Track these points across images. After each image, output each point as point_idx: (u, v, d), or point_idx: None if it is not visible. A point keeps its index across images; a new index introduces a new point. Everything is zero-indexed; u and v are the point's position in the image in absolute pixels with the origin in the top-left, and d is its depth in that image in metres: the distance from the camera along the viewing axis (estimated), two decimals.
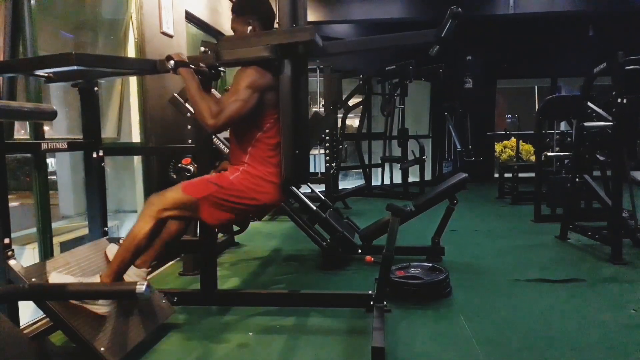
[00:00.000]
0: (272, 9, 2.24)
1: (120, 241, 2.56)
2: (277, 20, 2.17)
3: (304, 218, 3.68)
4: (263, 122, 2.12)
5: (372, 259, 3.51)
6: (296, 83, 2.11)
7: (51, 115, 2.02)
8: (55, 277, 2.02)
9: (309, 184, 4.32)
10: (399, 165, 7.32)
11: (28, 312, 2.38)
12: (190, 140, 3.10)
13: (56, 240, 2.92)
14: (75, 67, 1.89)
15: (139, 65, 2.52)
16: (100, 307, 2.03)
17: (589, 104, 4.09)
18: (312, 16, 6.92)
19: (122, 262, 2.08)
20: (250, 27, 2.14)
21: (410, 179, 7.35)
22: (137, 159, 3.65)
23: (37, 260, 2.51)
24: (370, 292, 2.51)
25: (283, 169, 2.13)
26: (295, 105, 2.11)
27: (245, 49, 2.06)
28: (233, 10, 2.22)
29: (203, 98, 2.04)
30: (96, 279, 2.10)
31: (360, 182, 7.61)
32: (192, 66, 2.12)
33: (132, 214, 3.84)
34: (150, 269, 2.36)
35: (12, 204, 2.36)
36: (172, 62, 2.10)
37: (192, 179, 2.26)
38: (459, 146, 8.01)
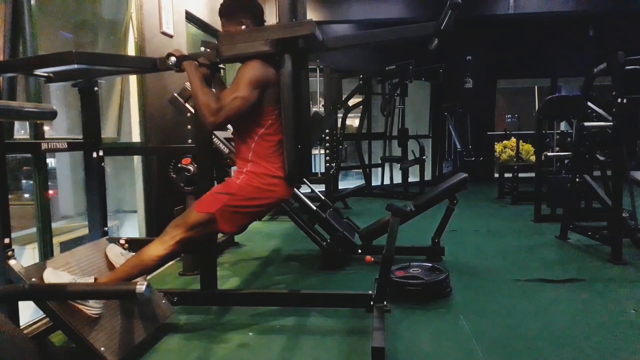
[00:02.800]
0: (259, 4, 2.24)
1: (122, 242, 2.57)
2: (277, 16, 2.17)
3: (304, 218, 3.68)
4: (264, 119, 2.11)
5: (372, 259, 3.52)
6: (297, 78, 2.11)
7: (51, 115, 2.02)
8: (49, 274, 2.02)
9: (309, 184, 4.33)
10: (399, 165, 7.32)
11: (28, 312, 2.37)
12: (190, 140, 3.10)
13: (56, 240, 2.92)
14: (76, 66, 1.89)
15: (139, 64, 2.52)
16: (91, 309, 2.02)
17: (589, 104, 4.10)
18: (312, 16, 6.92)
19: (125, 277, 2.07)
20: (243, 26, 2.14)
21: (410, 179, 7.35)
22: (137, 159, 3.65)
23: (37, 260, 2.51)
24: (370, 292, 2.51)
25: (286, 164, 2.12)
26: (297, 100, 2.11)
27: (245, 44, 2.05)
28: (221, 14, 2.19)
29: (204, 93, 2.03)
30: (90, 279, 2.10)
31: (360, 182, 7.61)
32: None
33: (132, 214, 3.84)
34: None
35: None
36: (172, 58, 2.10)
37: (200, 197, 2.23)
38: (459, 146, 8.01)
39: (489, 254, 3.90)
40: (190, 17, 4.41)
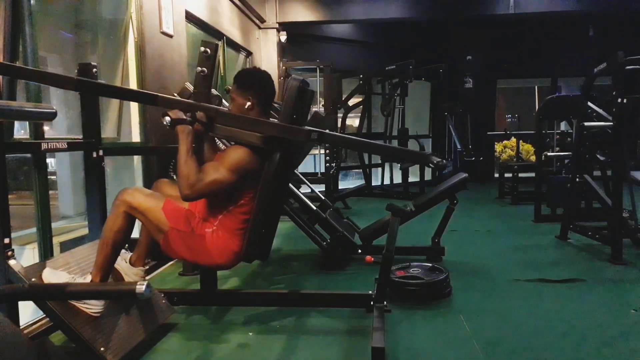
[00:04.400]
0: (273, 91, 2.26)
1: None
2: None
3: (304, 218, 3.68)
4: (238, 199, 2.13)
5: (372, 259, 3.52)
6: (281, 172, 2.14)
7: (51, 116, 2.02)
8: (49, 274, 2.02)
9: (309, 184, 4.33)
10: (399, 165, 7.32)
11: (28, 312, 2.37)
12: None
13: (56, 240, 2.92)
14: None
15: (139, 98, 2.56)
16: (92, 307, 2.02)
17: (589, 103, 4.09)
18: (312, 16, 6.93)
19: (105, 258, 2.09)
20: (249, 103, 2.15)
21: (410, 179, 7.35)
22: (137, 159, 3.65)
23: (37, 260, 2.50)
24: (370, 292, 2.51)
25: (246, 244, 2.15)
26: (276, 192, 2.15)
27: (240, 130, 2.08)
28: (235, 80, 2.22)
29: (187, 165, 2.03)
30: (89, 278, 2.10)
31: (360, 182, 7.61)
32: (189, 117, 2.10)
33: None
34: (147, 267, 2.36)
35: None
36: (167, 118, 2.08)
37: (177, 199, 2.23)
38: (459, 146, 8.01)
39: (489, 254, 3.90)
40: (190, 17, 4.41)
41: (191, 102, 2.18)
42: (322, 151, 6.27)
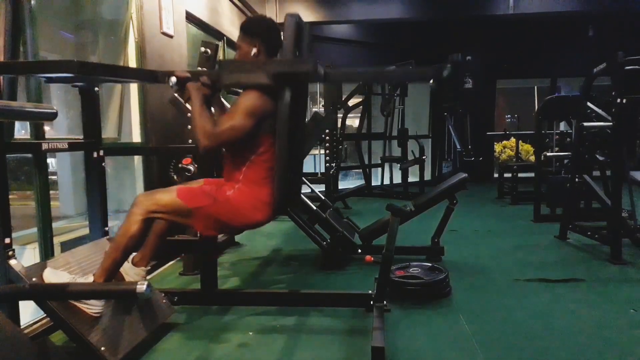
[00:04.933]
0: (279, 38, 2.23)
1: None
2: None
3: (304, 218, 3.68)
4: (258, 146, 2.12)
5: (372, 258, 3.53)
6: (295, 110, 2.12)
7: (51, 116, 2.02)
8: (49, 274, 2.02)
9: (309, 184, 4.33)
10: (398, 165, 7.33)
11: (28, 312, 2.38)
12: (190, 140, 3.10)
13: (56, 240, 2.92)
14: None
15: (140, 76, 2.54)
16: (92, 307, 2.02)
17: (589, 104, 4.10)
18: (312, 16, 6.92)
19: (114, 261, 2.07)
20: (255, 50, 2.14)
21: (410, 179, 7.35)
22: (137, 159, 3.65)
23: (37, 260, 2.51)
24: (370, 292, 2.52)
25: (275, 192, 2.12)
26: (292, 132, 2.13)
27: (247, 75, 2.07)
28: (242, 28, 2.21)
29: (202, 117, 2.03)
30: (90, 278, 2.10)
31: (360, 182, 7.61)
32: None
33: None
34: (149, 267, 2.36)
35: None
36: (173, 78, 2.08)
37: (189, 183, 2.25)
38: (458, 146, 8.01)
39: (488, 253, 3.90)
40: (190, 17, 4.41)
41: (192, 70, 2.19)
42: (322, 151, 6.27)
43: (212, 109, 2.27)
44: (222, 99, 2.38)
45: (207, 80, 2.12)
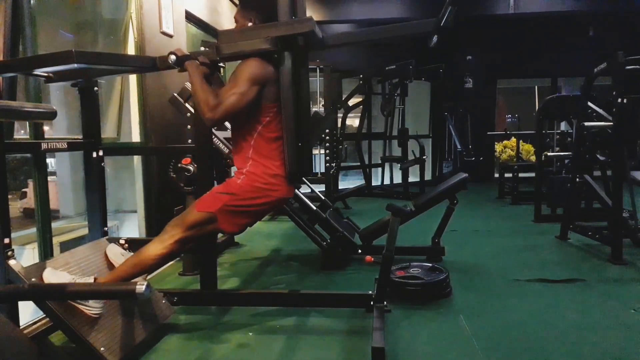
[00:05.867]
0: (274, 9, 2.21)
1: (122, 242, 2.57)
2: None
3: (304, 218, 3.68)
4: (263, 116, 2.10)
5: (372, 259, 3.52)
6: (297, 75, 2.10)
7: (51, 115, 2.02)
8: (49, 274, 2.02)
9: (308, 184, 4.33)
10: (399, 165, 7.32)
11: (28, 312, 2.37)
12: (190, 140, 3.10)
13: (56, 240, 2.92)
14: (75, 65, 1.88)
15: (138, 63, 2.53)
16: (91, 309, 2.02)
17: (589, 103, 4.09)
18: (312, 16, 6.92)
19: (129, 276, 2.07)
20: (250, 23, 2.15)
21: (410, 179, 7.34)
22: (137, 159, 3.65)
23: (37, 260, 2.51)
24: (370, 292, 2.51)
25: (287, 162, 2.11)
26: (297, 98, 2.10)
27: (245, 42, 2.06)
28: (239, 2, 2.24)
29: (204, 91, 2.03)
30: (90, 279, 2.10)
31: (360, 182, 7.61)
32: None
33: (132, 214, 3.84)
34: None
35: None
36: (173, 56, 2.10)
37: (201, 196, 2.24)
38: (459, 146, 8.01)
39: (489, 254, 3.90)
40: (190, 17, 4.41)
41: (190, 52, 2.19)
42: (322, 151, 6.27)
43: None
44: (221, 79, 2.38)
45: (206, 60, 2.12)
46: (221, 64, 2.27)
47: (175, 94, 3.20)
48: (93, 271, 2.26)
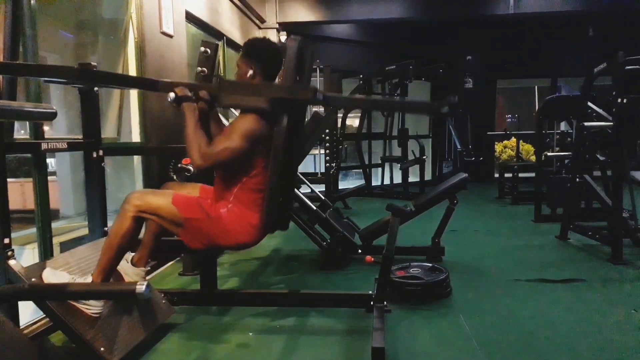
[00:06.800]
0: (279, 62, 2.23)
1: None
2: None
3: (304, 218, 3.68)
4: (251, 168, 2.12)
5: (372, 259, 3.51)
6: (291, 135, 2.13)
7: (51, 116, 2.02)
8: (48, 274, 2.02)
9: (309, 184, 4.33)
10: (399, 165, 7.32)
11: (28, 312, 2.37)
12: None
13: (56, 240, 2.92)
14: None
15: (141, 84, 2.55)
16: (92, 308, 2.02)
17: (589, 103, 4.09)
18: (312, 16, 6.92)
19: (109, 260, 2.07)
20: (251, 72, 2.14)
21: (410, 179, 7.35)
22: (137, 159, 3.65)
23: (37, 260, 2.51)
24: (370, 292, 2.51)
25: (265, 214, 2.13)
26: (287, 157, 2.13)
27: (245, 97, 2.07)
28: (242, 48, 2.22)
29: (196, 136, 2.03)
30: (89, 278, 2.10)
31: (360, 182, 7.61)
32: (193, 96, 2.10)
33: None
34: (148, 267, 2.36)
35: None
36: (172, 94, 2.08)
37: (185, 186, 2.23)
38: (459, 146, 8.01)
39: (489, 254, 3.90)
40: (190, 17, 4.40)
41: (193, 82, 2.18)
42: (322, 151, 6.27)
43: (210, 123, 2.27)
44: (220, 115, 2.38)
45: (206, 95, 2.12)
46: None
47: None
48: (93, 271, 2.25)
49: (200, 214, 2.09)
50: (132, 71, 3.50)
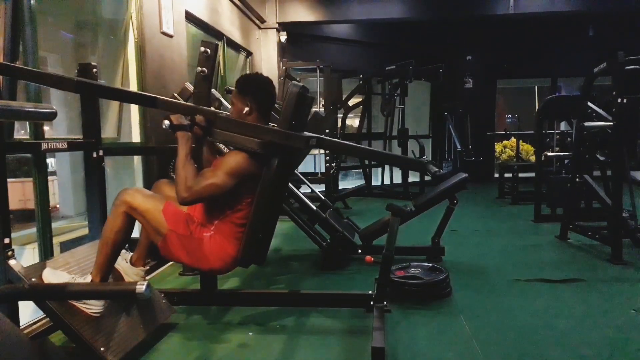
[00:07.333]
0: (273, 97, 2.26)
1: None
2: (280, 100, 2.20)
3: (304, 218, 3.68)
4: (236, 204, 2.13)
5: (372, 259, 3.51)
6: (279, 177, 2.15)
7: (51, 116, 2.02)
8: (48, 274, 2.02)
9: (309, 184, 4.33)
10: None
11: (28, 312, 2.38)
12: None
13: (56, 240, 2.92)
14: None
15: (139, 100, 2.57)
16: (92, 308, 2.02)
17: (589, 103, 4.09)
18: (312, 16, 6.92)
19: (106, 257, 2.09)
20: (247, 109, 2.16)
21: (410, 179, 7.35)
22: (137, 159, 3.65)
23: (37, 260, 2.50)
24: (370, 292, 2.51)
25: (243, 248, 2.15)
26: (273, 197, 2.15)
27: (239, 136, 2.09)
28: (236, 85, 2.23)
29: (184, 168, 2.06)
30: (89, 278, 2.10)
31: (360, 182, 7.61)
32: (188, 123, 2.12)
33: None
34: (148, 267, 2.36)
35: None
36: (167, 122, 2.09)
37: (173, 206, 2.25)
38: (459, 146, 8.01)
39: (488, 254, 3.90)
40: (190, 17, 4.40)
41: (191, 105, 2.19)
42: (322, 151, 6.27)
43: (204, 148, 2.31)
44: (214, 144, 2.39)
45: (203, 121, 2.13)
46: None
47: (176, 94, 3.19)
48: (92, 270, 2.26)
49: (185, 230, 2.12)
50: (132, 71, 3.50)
